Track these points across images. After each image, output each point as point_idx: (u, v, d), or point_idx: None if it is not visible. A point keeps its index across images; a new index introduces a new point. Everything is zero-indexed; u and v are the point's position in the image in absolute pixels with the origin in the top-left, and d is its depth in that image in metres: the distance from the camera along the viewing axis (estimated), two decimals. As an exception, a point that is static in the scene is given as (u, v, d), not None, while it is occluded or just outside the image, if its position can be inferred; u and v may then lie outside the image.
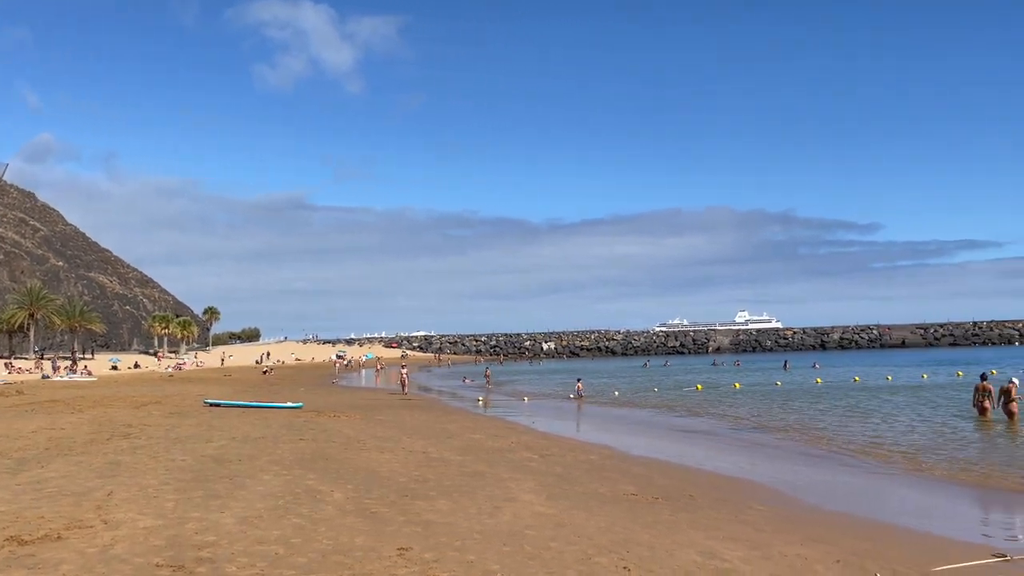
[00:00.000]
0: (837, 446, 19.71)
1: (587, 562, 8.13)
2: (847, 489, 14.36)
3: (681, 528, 10.08)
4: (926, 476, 15.36)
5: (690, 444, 21.24)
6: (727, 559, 8.48)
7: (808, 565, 8.36)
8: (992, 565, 8.77)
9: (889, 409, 28.41)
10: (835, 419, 25.84)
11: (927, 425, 23.23)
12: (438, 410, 30.86)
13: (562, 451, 17.94)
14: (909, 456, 17.78)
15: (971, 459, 17.15)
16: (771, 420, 26.28)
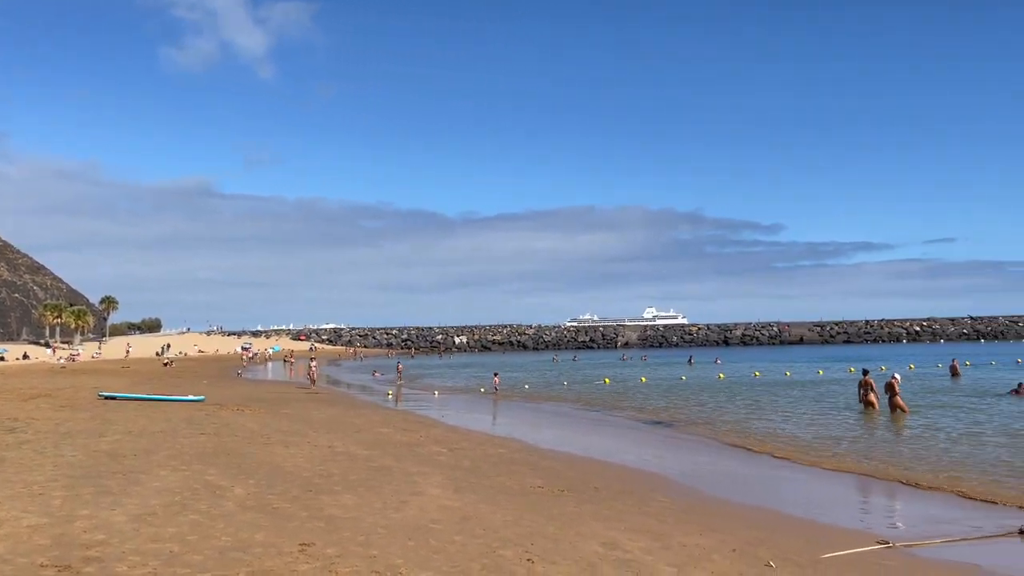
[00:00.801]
0: (738, 439, 20.36)
1: (492, 555, 8.16)
2: (745, 480, 14.87)
3: (585, 520, 10.23)
4: (817, 467, 16.03)
5: (597, 437, 21.59)
6: (629, 550, 8.65)
7: (706, 554, 8.61)
8: (876, 551, 9.23)
9: (786, 403, 29.55)
10: (736, 412, 26.71)
11: (820, 418, 24.26)
12: (346, 404, 30.44)
13: (471, 445, 17.95)
14: (803, 448, 18.53)
15: (858, 451, 18.00)
16: (676, 414, 26.96)
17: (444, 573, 7.45)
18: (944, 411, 25.21)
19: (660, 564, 8.10)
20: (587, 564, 7.99)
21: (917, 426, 21.74)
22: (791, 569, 8.19)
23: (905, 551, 9.35)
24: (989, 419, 22.86)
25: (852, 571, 8.23)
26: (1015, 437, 19.21)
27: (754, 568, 8.10)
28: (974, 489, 13.39)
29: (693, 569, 7.96)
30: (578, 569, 7.80)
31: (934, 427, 21.43)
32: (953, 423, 22.14)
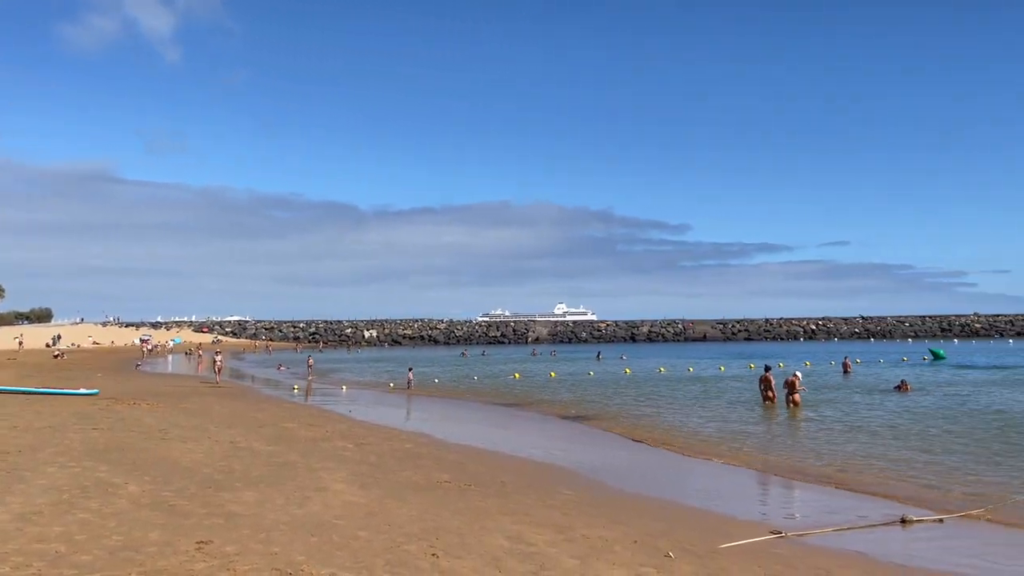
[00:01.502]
0: (643, 433, 20.81)
1: (396, 550, 8.10)
2: (648, 473, 15.23)
3: (491, 514, 10.27)
4: (717, 461, 16.54)
5: (506, 432, 21.71)
6: (533, 543, 8.74)
7: (608, 546, 8.77)
8: (770, 541, 9.60)
9: (689, 398, 30.38)
10: (641, 407, 27.30)
11: (721, 414, 25.05)
12: (250, 398, 29.66)
13: (378, 440, 17.77)
14: (704, 442, 19.10)
15: (756, 445, 18.67)
16: (583, 409, 27.35)
17: (348, 569, 7.35)
18: (836, 407, 26.41)
19: (563, 556, 8.21)
20: (492, 558, 8.03)
21: (811, 421, 22.71)
22: (689, 559, 8.42)
23: (796, 540, 9.76)
24: (876, 414, 24.07)
25: (746, 560, 8.53)
26: (899, 431, 20.28)
27: (654, 559, 8.31)
28: (862, 481, 14.09)
29: (595, 561, 8.09)
30: (483, 563, 7.83)
31: (827, 422, 22.42)
32: (844, 418, 23.21)
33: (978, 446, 17.66)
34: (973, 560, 9.11)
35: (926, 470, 15.00)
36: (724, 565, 8.24)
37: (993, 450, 17.10)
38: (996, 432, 19.75)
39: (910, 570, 8.60)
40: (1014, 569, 8.81)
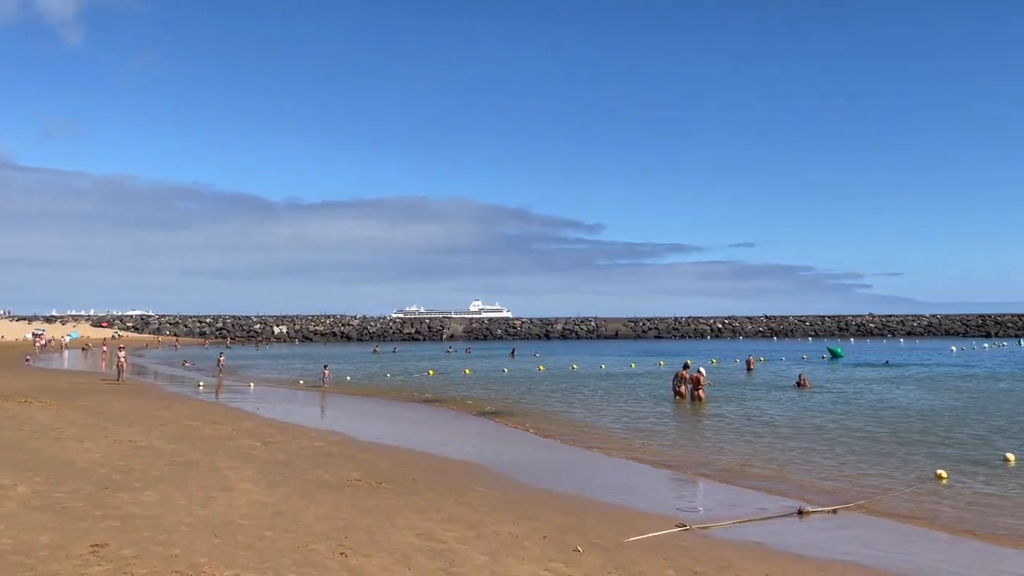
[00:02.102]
0: (554, 429, 21.04)
1: (303, 550, 7.97)
2: (559, 469, 15.40)
3: (402, 511, 10.21)
4: (627, 456, 16.87)
5: (418, 429, 21.61)
6: (443, 540, 8.73)
7: (518, 542, 8.85)
8: (676, 534, 9.86)
9: (601, 395, 30.88)
10: (554, 404, 27.60)
11: (630, 409, 25.56)
12: (153, 396, 28.64)
13: (287, 438, 17.43)
14: (613, 437, 19.45)
15: (664, 441, 19.13)
16: (497, 405, 27.46)
17: (252, 570, 7.19)
18: (739, 403, 27.30)
19: (473, 553, 8.24)
20: (401, 555, 7.99)
21: (715, 417, 23.41)
22: (597, 553, 8.57)
23: (700, 533, 10.06)
24: (777, 410, 25.00)
25: (653, 553, 8.73)
26: (797, 427, 21.11)
27: (562, 553, 8.42)
28: (762, 475, 14.61)
29: (505, 556, 8.15)
30: (392, 560, 7.78)
31: (730, 418, 23.15)
32: (746, 414, 24.02)
33: (870, 440, 18.53)
34: (862, 549, 9.58)
35: (822, 463, 15.66)
36: (632, 558, 8.42)
37: (883, 444, 17.98)
38: (887, 427, 20.78)
39: (806, 560, 8.96)
40: (898, 556, 9.30)
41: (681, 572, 7.97)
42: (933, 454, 16.51)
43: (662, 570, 8.00)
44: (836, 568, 8.63)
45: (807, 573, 8.32)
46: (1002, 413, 23.61)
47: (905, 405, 26.17)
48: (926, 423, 21.46)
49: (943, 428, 20.43)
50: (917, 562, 9.10)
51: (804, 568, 8.56)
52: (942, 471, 14.25)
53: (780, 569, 8.39)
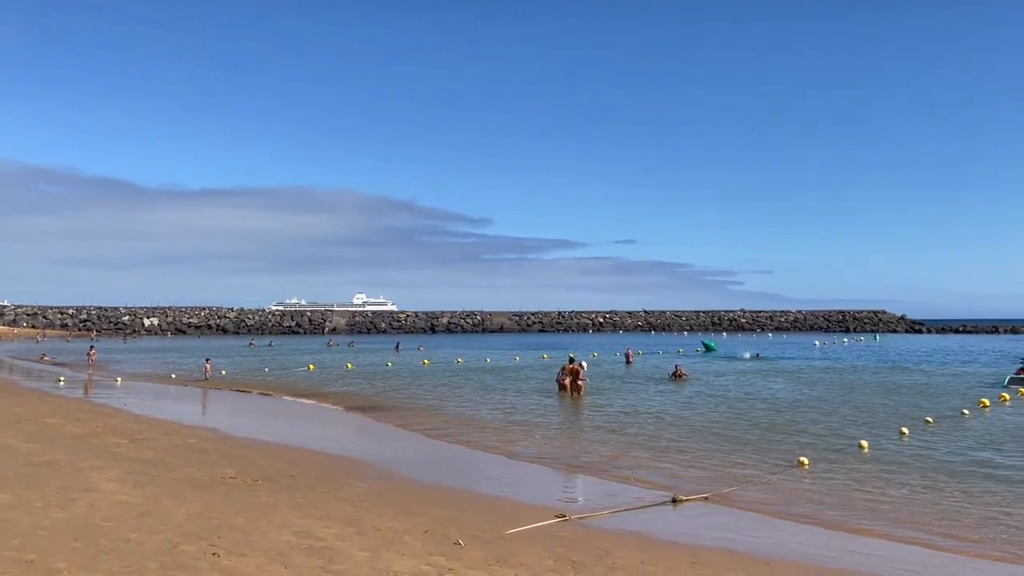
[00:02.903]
0: (438, 423, 20.99)
1: (172, 551, 7.63)
2: (441, 463, 15.38)
3: (279, 509, 9.94)
4: (510, 448, 17.02)
5: (297, 424, 21.11)
6: (322, 536, 8.56)
7: (399, 537, 8.77)
8: (555, 524, 10.03)
9: (485, 388, 31.04)
10: (438, 398, 27.53)
11: (515, 402, 25.82)
12: (7, 391, 26.77)
13: (157, 435, 16.66)
14: (496, 431, 19.58)
15: (547, 433, 19.41)
16: (380, 400, 27.15)
17: (115, 574, 6.83)
18: (618, 395, 28.04)
19: (353, 549, 8.11)
20: (278, 554, 7.78)
21: (595, 409, 23.95)
22: (478, 545, 8.61)
23: (579, 523, 10.27)
24: (654, 402, 25.83)
25: (532, 544, 8.84)
26: (673, 418, 21.87)
27: (444, 547, 8.41)
28: (639, 465, 15.04)
29: (385, 552, 8.06)
30: (268, 559, 7.56)
31: (611, 410, 23.74)
32: (625, 406, 24.69)
33: (740, 430, 19.40)
34: (731, 535, 10.02)
35: (696, 453, 16.27)
36: (512, 550, 8.49)
37: (753, 433, 18.87)
38: (756, 417, 21.82)
39: (679, 546, 9.29)
40: (763, 541, 9.79)
41: (560, 562, 8.11)
42: (797, 442, 17.44)
43: (541, 560, 8.12)
44: (706, 554, 8.98)
45: (680, 559, 8.62)
46: (858, 403, 25.23)
47: (773, 396, 27.56)
48: (791, 413, 22.67)
49: (807, 417, 21.64)
50: (780, 546, 9.60)
51: (677, 554, 8.86)
52: (804, 458, 15.09)
53: (655, 556, 8.67)
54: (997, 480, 13.39)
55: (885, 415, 21.97)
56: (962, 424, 19.99)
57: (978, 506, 11.61)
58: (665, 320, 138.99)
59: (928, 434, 18.39)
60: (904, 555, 9.31)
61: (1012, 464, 14.80)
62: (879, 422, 20.49)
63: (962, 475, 13.80)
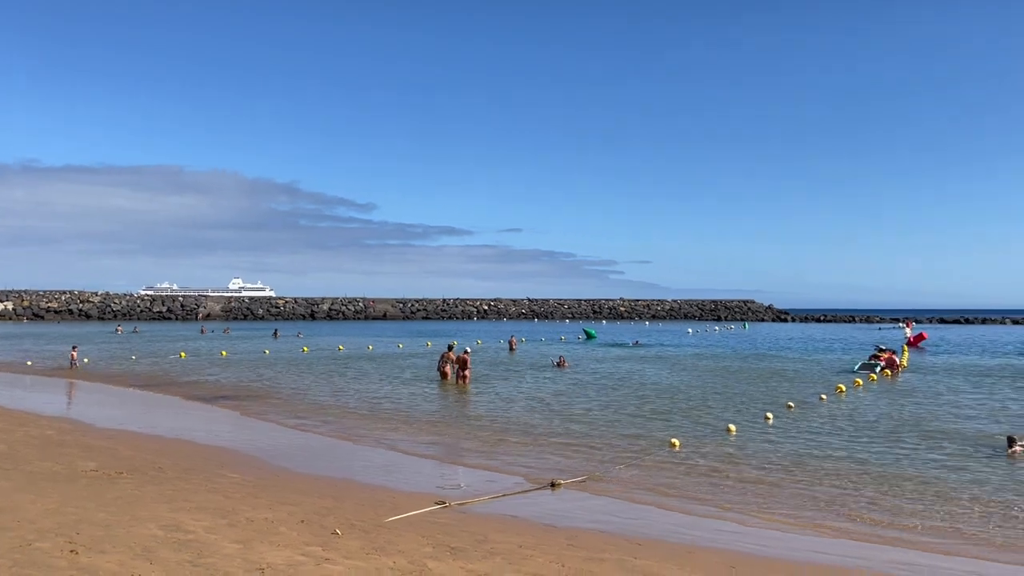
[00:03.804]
0: (317, 411, 20.58)
1: (26, 549, 7.16)
2: (321, 452, 15.09)
3: (145, 502, 9.50)
4: (391, 436, 16.88)
5: (165, 413, 20.22)
6: (191, 530, 8.23)
7: (273, 528, 8.55)
8: (435, 511, 10.03)
9: (366, 376, 30.64)
10: (317, 386, 26.98)
11: (397, 390, 25.63)
12: None
13: (10, 426, 15.60)
14: (379, 418, 19.38)
15: (429, 420, 19.38)
16: (255, 388, 26.38)
17: (-42, 577, 6.34)
18: (502, 382, 28.30)
19: (224, 541, 7.84)
20: (143, 549, 7.43)
21: (479, 395, 24.09)
22: (356, 534, 8.50)
23: (459, 509, 10.31)
24: (537, 388, 26.22)
25: (411, 531, 8.81)
26: (555, 403, 22.26)
27: (320, 537, 8.25)
28: (521, 450, 15.23)
29: (259, 544, 7.84)
30: (131, 555, 7.21)
31: (493, 397, 23.94)
32: (508, 392, 24.95)
33: (618, 415, 19.96)
34: (606, 516, 10.31)
35: (576, 437, 16.61)
36: (390, 538, 8.43)
37: (630, 417, 19.44)
38: (633, 402, 22.50)
39: (556, 529, 9.48)
40: (635, 522, 10.13)
41: (438, 548, 8.11)
42: (670, 426, 18.10)
43: (420, 547, 8.09)
44: (582, 535, 9.19)
45: (556, 542, 8.79)
46: (727, 388, 26.42)
47: (649, 382, 28.47)
48: (666, 398, 23.50)
49: (680, 402, 22.49)
50: (652, 526, 9.95)
51: (554, 537, 9.03)
52: (676, 440, 15.70)
53: (532, 539, 8.80)
54: (853, 461, 14.32)
55: (752, 400, 23.10)
56: (820, 409, 21.26)
57: (826, 486, 12.39)
58: (548, 308, 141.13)
59: (790, 418, 19.46)
60: (762, 533, 9.83)
61: (862, 446, 15.86)
62: (746, 407, 21.53)
63: (819, 457, 14.68)
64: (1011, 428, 16.86)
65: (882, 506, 11.11)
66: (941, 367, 35.78)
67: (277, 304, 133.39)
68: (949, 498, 11.53)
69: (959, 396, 24.25)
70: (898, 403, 22.45)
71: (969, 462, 14.02)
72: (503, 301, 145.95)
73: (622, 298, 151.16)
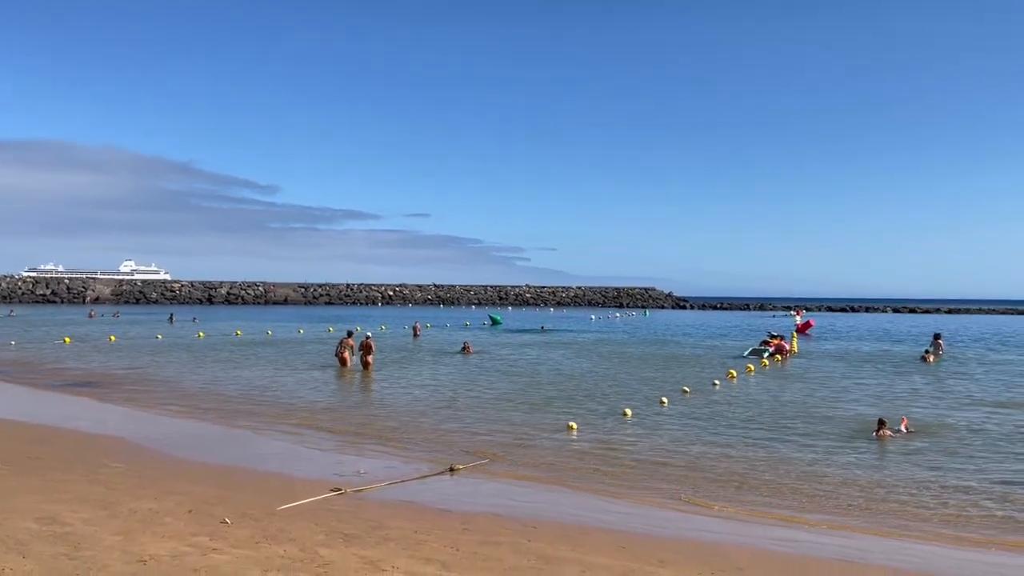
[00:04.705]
0: (211, 397, 19.98)
1: None
2: (216, 441, 14.66)
3: (19, 495, 9.04)
4: (290, 424, 16.53)
5: (44, 401, 19.26)
6: (69, 522, 7.88)
7: (158, 518, 8.26)
8: (330, 499, 9.89)
9: (265, 362, 29.92)
10: (212, 372, 26.19)
11: (297, 376, 25.14)
12: None
13: None
14: (277, 405, 18.97)
15: (329, 406, 19.10)
16: (142, 373, 25.40)
17: None
18: (405, 368, 28.13)
19: (104, 534, 7.54)
20: (16, 543, 7.07)
21: (382, 382, 23.89)
22: (247, 523, 8.31)
23: (356, 496, 10.21)
24: (440, 374, 26.18)
25: (305, 519, 8.67)
26: (458, 388, 22.31)
27: (208, 527, 8.03)
28: (423, 437, 15.19)
29: (141, 535, 7.56)
30: (3, 550, 6.86)
31: (396, 383, 23.77)
32: (411, 379, 24.83)
33: (520, 399, 20.14)
34: (502, 500, 10.41)
35: (478, 422, 16.69)
36: (282, 526, 8.28)
37: (531, 402, 19.65)
38: (535, 387, 22.76)
39: (453, 514, 9.50)
40: (532, 505, 10.28)
41: (331, 535, 8.02)
42: (569, 409, 18.40)
43: (313, 535, 7.98)
44: (478, 519, 9.25)
45: (452, 526, 8.82)
46: (626, 373, 27.04)
47: (552, 367, 28.85)
48: (567, 383, 23.87)
49: (580, 387, 22.89)
50: (549, 509, 10.11)
51: (450, 521, 9.06)
52: (573, 423, 15.99)
53: (428, 524, 8.80)
54: (741, 444, 14.90)
55: (649, 385, 23.72)
56: (713, 393, 22.01)
57: (716, 469, 12.87)
58: (455, 294, 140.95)
59: (684, 403, 20.08)
60: (653, 513, 10.14)
61: (748, 430, 16.52)
62: (643, 391, 22.09)
63: (708, 441, 15.22)
64: (884, 412, 17.87)
65: (766, 485, 11.62)
66: (827, 353, 37.60)
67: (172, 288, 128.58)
68: (824, 477, 12.16)
69: (841, 381, 25.55)
70: (785, 388, 23.49)
71: (844, 444, 14.81)
72: (408, 287, 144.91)
73: (528, 285, 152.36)
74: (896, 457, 13.64)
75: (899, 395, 21.88)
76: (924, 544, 8.97)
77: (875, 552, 8.58)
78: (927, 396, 21.77)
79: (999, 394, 22.32)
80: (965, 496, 11.10)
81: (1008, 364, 32.04)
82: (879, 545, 8.90)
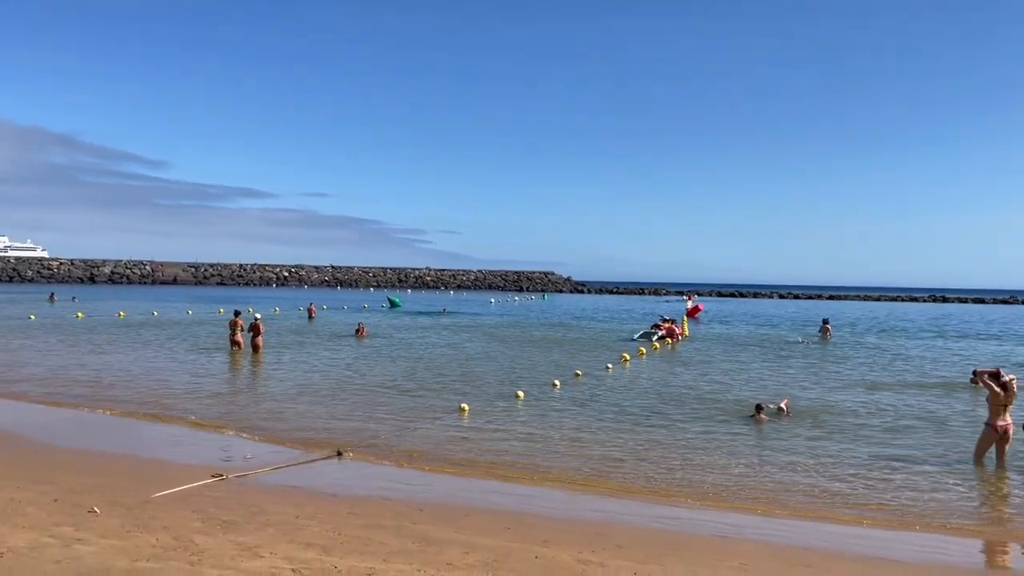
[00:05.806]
0: (90, 383, 19.04)
1: None
2: (92, 428, 14.01)
3: None
4: (170, 409, 15.92)
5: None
6: (-83, 515, 7.36)
7: (19, 508, 7.84)
8: (209, 485, 9.59)
9: (147, 343, 28.68)
10: (88, 355, 24.95)
11: (184, 358, 24.23)
12: None
13: None
14: (161, 390, 18.23)
15: (219, 390, 18.50)
16: (13, 356, 23.97)
17: None
18: (298, 351, 27.54)
19: (-43, 527, 7.08)
20: None
21: (272, 366, 23.31)
22: (118, 511, 7.98)
23: (238, 482, 9.93)
24: (333, 358, 25.76)
25: (181, 506, 8.39)
26: (349, 373, 22.02)
27: (74, 517, 7.66)
28: (311, 424, 14.89)
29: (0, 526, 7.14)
30: None
31: (287, 366, 23.25)
32: (303, 362, 24.32)
33: (413, 383, 20.04)
34: (392, 483, 10.36)
35: (370, 406, 16.49)
36: (155, 514, 7.98)
37: (425, 386, 19.57)
38: (430, 370, 22.68)
39: (339, 498, 9.38)
40: (420, 488, 10.27)
41: (208, 522, 7.78)
42: (462, 391, 18.43)
43: (188, 522, 7.72)
44: (365, 503, 9.17)
45: (337, 511, 8.70)
46: (521, 356, 27.30)
47: (449, 350, 28.83)
48: (463, 365, 23.90)
49: (476, 369, 22.98)
50: (437, 492, 10.11)
51: (335, 506, 8.94)
52: (465, 406, 16.04)
53: (312, 509, 8.65)
54: (625, 426, 15.29)
55: (543, 368, 24.01)
56: (605, 377, 22.47)
57: (602, 448, 13.18)
58: (353, 276, 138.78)
59: (575, 386, 20.43)
60: (539, 492, 10.29)
61: (633, 412, 16.96)
62: (537, 375, 22.34)
63: (599, 422, 15.55)
64: (766, 394, 18.68)
65: (651, 466, 11.95)
66: (714, 337, 38.98)
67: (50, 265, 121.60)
68: (705, 457, 12.62)
69: (725, 364, 26.53)
70: (674, 371, 24.23)
71: (724, 425, 15.39)
72: (305, 268, 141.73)
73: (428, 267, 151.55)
74: (772, 438, 14.28)
75: (781, 378, 22.91)
76: (795, 520, 9.44)
77: (748, 528, 8.97)
78: (806, 379, 22.86)
79: (876, 377, 23.67)
80: (835, 473, 11.73)
81: (883, 349, 34.03)
82: (753, 521, 9.30)
